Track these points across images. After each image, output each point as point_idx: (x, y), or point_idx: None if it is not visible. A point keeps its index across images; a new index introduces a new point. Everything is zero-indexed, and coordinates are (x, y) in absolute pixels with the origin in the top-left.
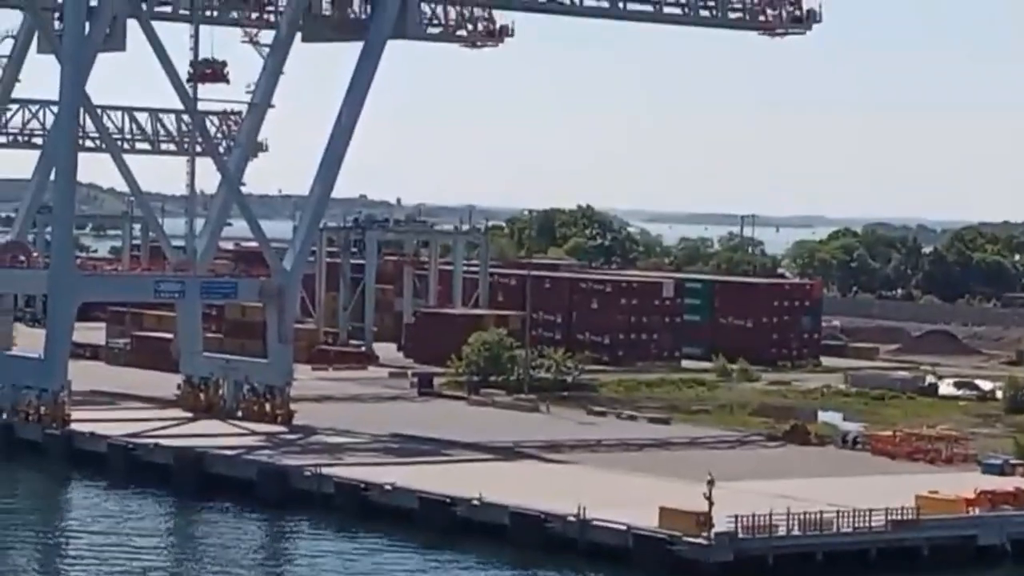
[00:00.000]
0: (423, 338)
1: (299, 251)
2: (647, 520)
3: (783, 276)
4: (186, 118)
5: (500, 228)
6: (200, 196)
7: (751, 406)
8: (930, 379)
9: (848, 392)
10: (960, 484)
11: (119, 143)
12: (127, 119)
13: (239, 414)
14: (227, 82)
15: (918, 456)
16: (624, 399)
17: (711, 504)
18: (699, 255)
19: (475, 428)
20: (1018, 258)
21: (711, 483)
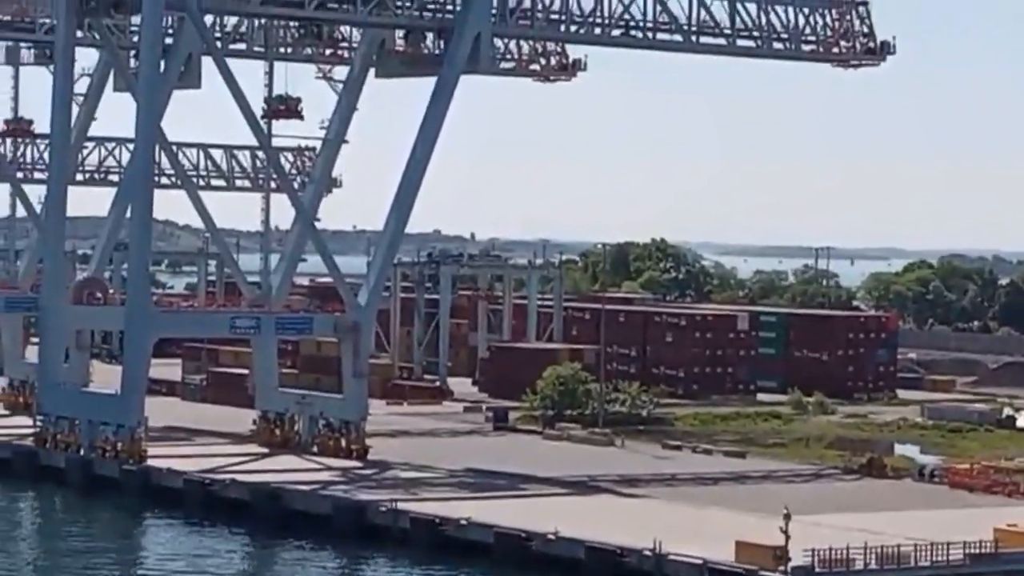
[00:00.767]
0: (498, 372)
1: (374, 286)
2: (723, 554)
3: (858, 309)
4: (261, 154)
5: (574, 262)
6: (275, 232)
7: (827, 439)
8: (1007, 411)
9: (925, 425)
10: None
11: (194, 180)
12: (202, 156)
13: (314, 449)
14: (301, 118)
15: (996, 489)
16: (699, 433)
17: (787, 538)
18: (774, 288)
19: (550, 462)
20: None
21: (787, 517)
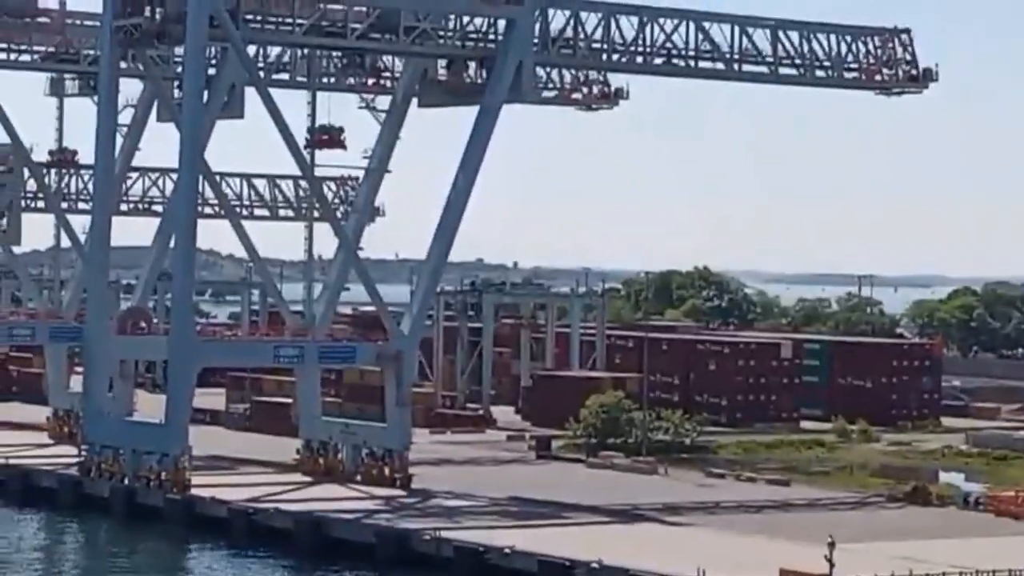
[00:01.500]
0: (540, 401)
1: (416, 315)
2: None
3: (902, 336)
4: (304, 184)
5: (616, 290)
6: (318, 261)
7: (871, 467)
8: None
9: (969, 452)
10: None
11: (237, 209)
12: (245, 185)
13: (358, 478)
14: (344, 148)
15: None
16: (743, 460)
17: (832, 566)
18: (817, 316)
19: (593, 491)
20: None
21: (832, 545)
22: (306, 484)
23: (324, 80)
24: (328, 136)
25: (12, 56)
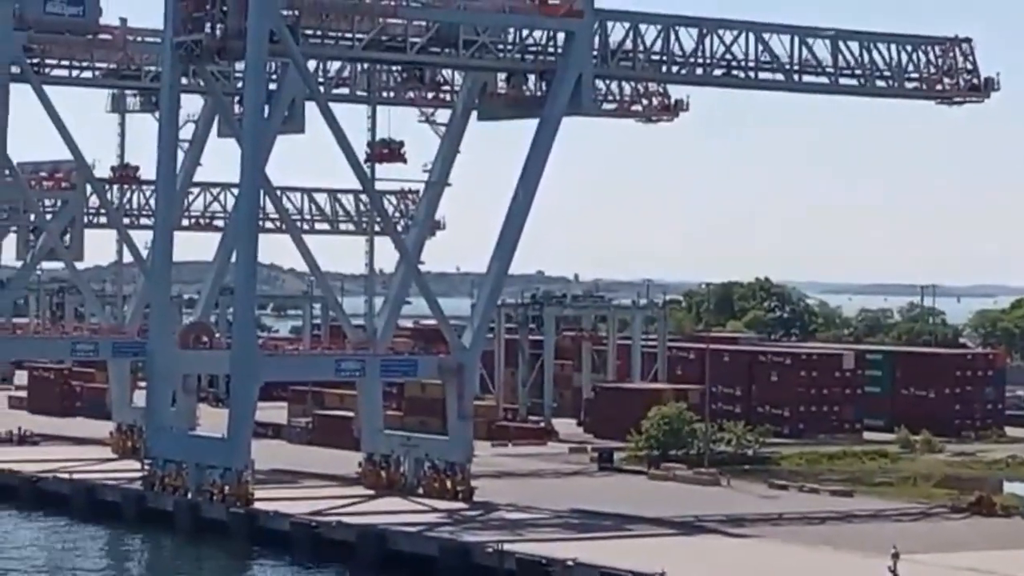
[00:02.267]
0: (602, 413)
1: (478, 328)
2: None
3: (965, 346)
4: (364, 198)
5: (678, 302)
6: (379, 275)
7: (935, 478)
8: None
9: None
10: None
11: (298, 224)
12: (306, 200)
13: (420, 491)
14: (404, 161)
15: None
16: (805, 472)
17: None
18: (879, 326)
19: (655, 503)
20: None
21: (896, 556)
22: (368, 497)
23: (384, 94)
24: (388, 150)
25: (74, 73)
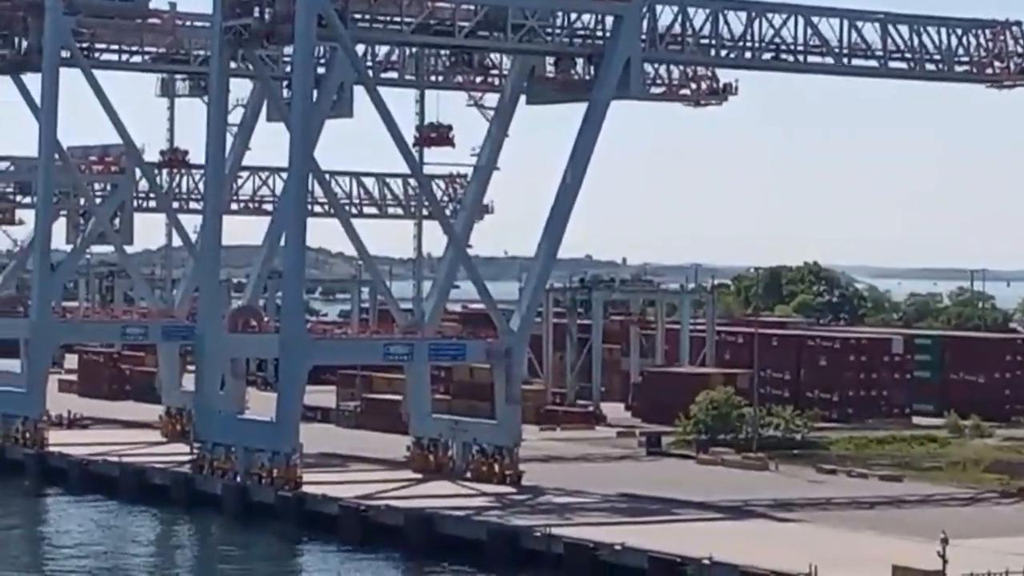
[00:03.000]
0: (650, 397)
1: (526, 312)
2: None
3: (1015, 331)
4: (412, 182)
5: (726, 286)
6: (427, 259)
7: (984, 463)
8: None
9: None
10: None
11: (347, 208)
12: (355, 184)
13: (468, 475)
14: (453, 145)
15: None
16: (854, 457)
17: (945, 562)
18: (929, 310)
19: (704, 487)
20: None
21: (945, 541)
22: (416, 481)
23: (432, 78)
24: (437, 134)
25: (123, 57)
